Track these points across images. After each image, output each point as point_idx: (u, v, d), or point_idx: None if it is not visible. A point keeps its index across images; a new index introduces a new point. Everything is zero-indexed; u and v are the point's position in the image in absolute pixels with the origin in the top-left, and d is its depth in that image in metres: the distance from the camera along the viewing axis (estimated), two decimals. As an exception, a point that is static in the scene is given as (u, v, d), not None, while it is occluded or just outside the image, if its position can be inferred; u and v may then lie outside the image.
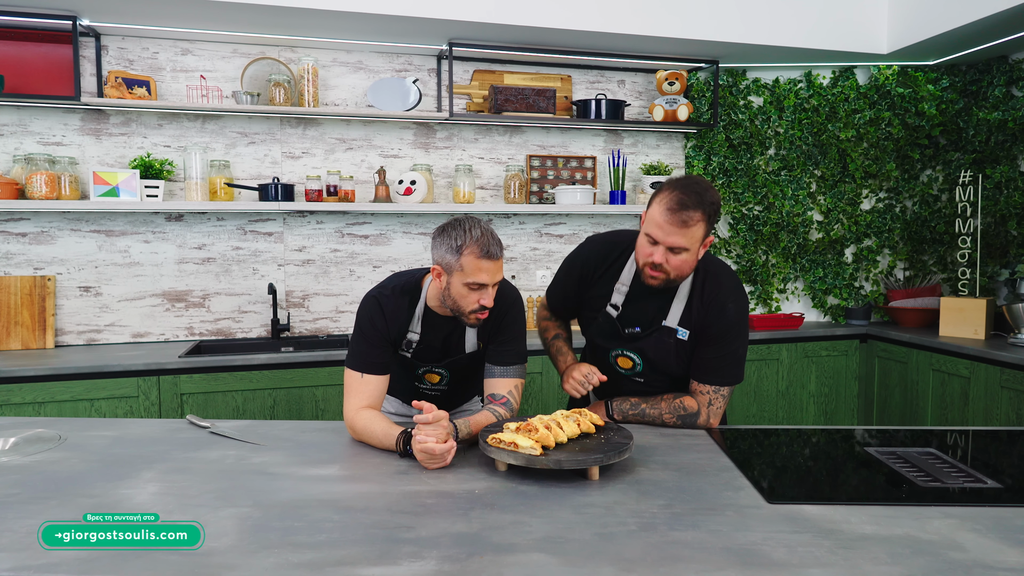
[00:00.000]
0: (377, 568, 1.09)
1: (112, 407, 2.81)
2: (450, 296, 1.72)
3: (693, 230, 1.66)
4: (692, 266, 1.75)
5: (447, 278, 1.71)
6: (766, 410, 3.70)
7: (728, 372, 1.82)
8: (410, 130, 3.62)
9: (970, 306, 3.44)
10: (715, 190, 1.72)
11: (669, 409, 1.85)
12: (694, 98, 3.88)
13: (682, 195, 1.65)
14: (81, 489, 1.40)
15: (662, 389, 1.91)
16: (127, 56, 3.25)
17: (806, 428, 1.98)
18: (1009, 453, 1.72)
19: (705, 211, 1.66)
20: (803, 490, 1.46)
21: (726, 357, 1.81)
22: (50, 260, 3.22)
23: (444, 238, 1.71)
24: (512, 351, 1.83)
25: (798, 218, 3.99)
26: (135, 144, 3.28)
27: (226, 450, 1.67)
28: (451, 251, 1.68)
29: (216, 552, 1.13)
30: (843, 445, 1.79)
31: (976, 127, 3.78)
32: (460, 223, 1.71)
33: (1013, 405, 3.01)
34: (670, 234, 1.67)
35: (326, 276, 3.56)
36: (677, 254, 1.69)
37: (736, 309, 1.81)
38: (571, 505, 1.34)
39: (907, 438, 1.81)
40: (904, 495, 1.39)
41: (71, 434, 1.78)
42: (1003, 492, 1.41)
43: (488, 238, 1.68)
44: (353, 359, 1.79)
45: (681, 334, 1.82)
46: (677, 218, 1.65)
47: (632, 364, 1.89)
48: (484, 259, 1.67)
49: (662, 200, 1.68)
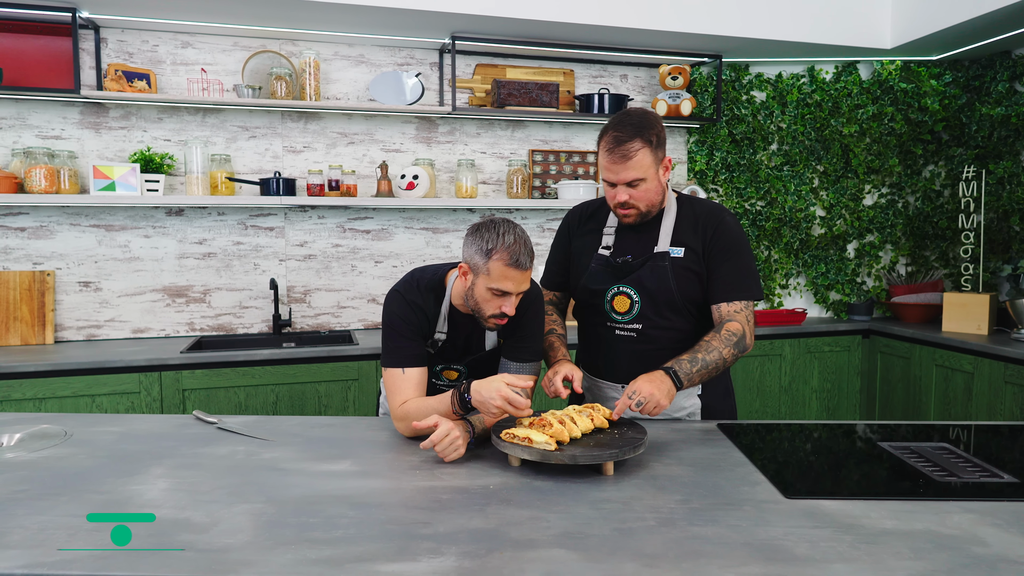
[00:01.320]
0: (397, 564, 1.07)
1: (114, 403, 2.78)
2: (472, 297, 1.69)
3: (637, 159, 1.72)
4: (658, 192, 1.80)
5: (472, 278, 1.68)
6: (769, 406, 3.70)
7: (751, 285, 1.82)
8: (412, 124, 3.60)
9: (973, 301, 3.45)
10: (653, 115, 1.77)
11: (723, 344, 1.74)
12: (697, 93, 3.86)
13: (615, 133, 1.73)
14: (90, 485, 1.38)
15: (659, 343, 1.84)
16: (127, 49, 3.21)
17: (817, 423, 1.97)
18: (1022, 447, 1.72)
19: (643, 137, 1.72)
20: (819, 485, 1.45)
21: (742, 270, 1.81)
22: (49, 255, 3.19)
23: (476, 238, 1.65)
24: (529, 348, 1.81)
25: (800, 213, 3.99)
26: (135, 138, 3.25)
27: (235, 446, 1.65)
28: (480, 253, 1.64)
29: (233, 549, 1.12)
30: (855, 440, 1.78)
31: (979, 122, 3.78)
32: (495, 225, 1.65)
33: (1017, 400, 3.01)
34: (619, 172, 1.74)
35: (328, 271, 3.54)
36: (636, 187, 1.75)
37: (733, 221, 1.85)
38: (588, 500, 1.32)
39: (919, 433, 1.81)
40: (922, 490, 1.38)
41: (76, 430, 1.76)
42: (1021, 486, 1.40)
43: (520, 246, 1.63)
44: (390, 357, 1.73)
45: (675, 252, 1.82)
46: (618, 154, 1.72)
47: (629, 304, 1.84)
48: (512, 268, 1.62)
49: (602, 144, 1.77)
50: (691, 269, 1.81)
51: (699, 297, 1.84)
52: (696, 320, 1.87)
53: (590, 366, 2.00)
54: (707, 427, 1.83)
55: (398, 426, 1.71)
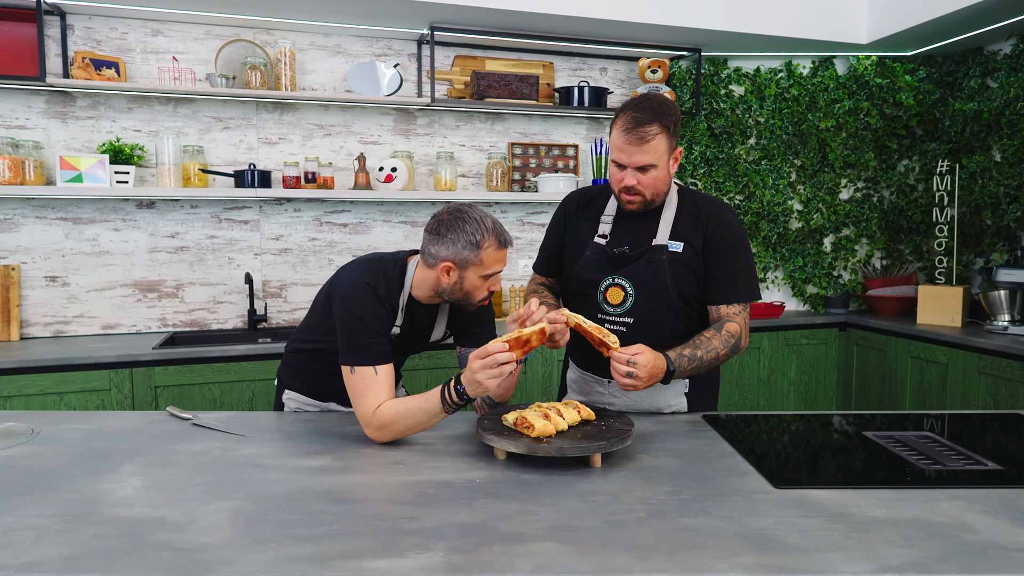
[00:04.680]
0: (383, 561, 1.04)
1: (83, 401, 2.70)
2: (461, 289, 1.67)
3: (653, 144, 1.66)
4: (666, 182, 1.75)
5: (460, 273, 1.65)
6: (748, 398, 3.72)
7: (750, 287, 1.80)
8: (390, 116, 3.54)
9: (947, 294, 3.49)
10: (672, 103, 1.71)
11: (722, 345, 1.72)
12: (676, 87, 3.86)
13: (635, 113, 1.67)
14: (59, 484, 1.33)
15: (648, 339, 1.74)
16: (94, 36, 3.12)
17: (800, 414, 1.97)
18: (1001, 436, 1.73)
19: (662, 122, 1.67)
20: (808, 474, 1.44)
21: (742, 272, 1.78)
22: (14, 248, 3.08)
23: (458, 234, 1.62)
24: (484, 332, 1.87)
25: (778, 207, 4.01)
26: (104, 128, 3.15)
27: (211, 442, 1.60)
28: (469, 247, 1.62)
29: (211, 547, 1.07)
30: (838, 430, 1.79)
31: (952, 118, 3.83)
32: (466, 216, 1.64)
33: (990, 390, 3.06)
34: (632, 154, 1.68)
35: (304, 265, 3.47)
36: (646, 172, 1.70)
37: (734, 219, 1.81)
38: (576, 493, 1.30)
39: (895, 424, 1.81)
40: (909, 478, 1.38)
41: (44, 427, 1.69)
42: (1005, 473, 1.41)
43: (499, 226, 1.67)
44: (360, 355, 1.60)
45: (674, 247, 1.78)
46: (635, 135, 1.66)
47: (623, 296, 1.79)
48: (502, 248, 1.67)
49: (618, 123, 1.70)
50: (688, 265, 1.77)
51: (694, 294, 1.79)
52: (689, 316, 1.82)
53: (578, 358, 1.96)
54: (693, 419, 1.81)
55: (373, 434, 1.57)
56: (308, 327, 1.92)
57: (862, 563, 1.04)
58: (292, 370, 1.99)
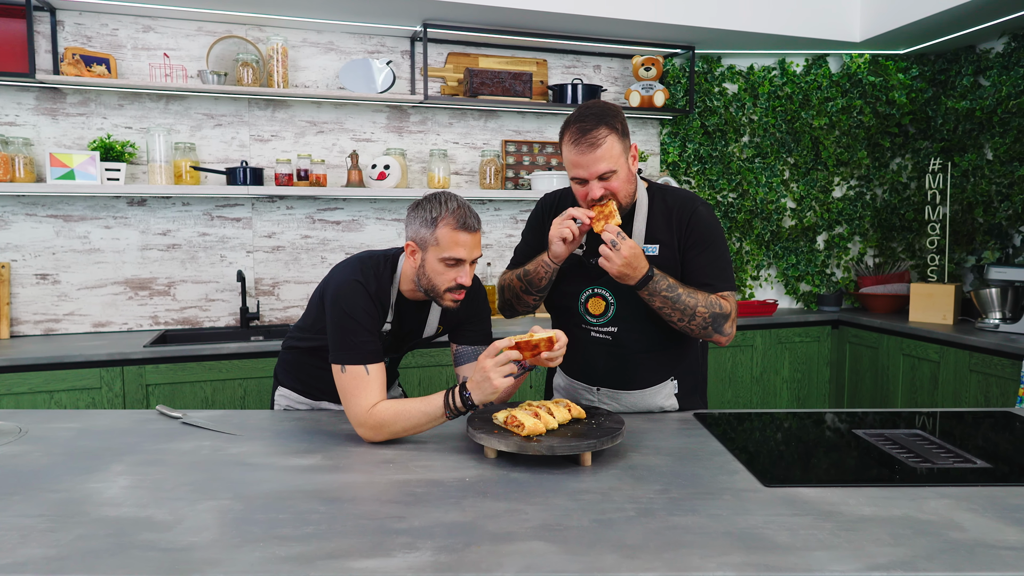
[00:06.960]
0: (370, 560, 1.03)
1: (73, 399, 2.69)
2: (425, 275, 1.64)
3: (606, 147, 1.63)
4: (631, 182, 1.73)
5: (421, 255, 1.63)
6: (740, 396, 3.73)
7: (729, 276, 1.77)
8: (383, 114, 3.53)
9: (939, 292, 3.50)
10: (614, 105, 1.70)
11: (706, 303, 1.69)
12: (670, 84, 3.86)
13: (580, 123, 1.64)
14: (46, 484, 1.32)
15: (635, 347, 1.79)
16: (84, 32, 3.10)
17: (791, 412, 1.97)
18: (992, 433, 1.74)
19: (609, 124, 1.64)
20: (797, 473, 1.45)
21: (719, 260, 1.76)
22: (4, 246, 3.07)
23: (419, 211, 1.63)
24: (480, 330, 1.85)
25: (771, 205, 4.01)
26: (94, 125, 3.14)
27: (200, 441, 1.60)
28: (425, 224, 1.61)
29: (197, 547, 1.07)
30: (829, 428, 1.79)
31: (944, 116, 3.84)
32: (436, 196, 1.64)
33: (982, 388, 3.07)
34: (589, 164, 1.64)
35: (297, 263, 3.46)
36: (608, 179, 1.67)
37: (706, 210, 1.79)
38: (566, 492, 1.30)
39: (887, 421, 1.82)
40: (897, 476, 1.38)
41: (32, 426, 1.68)
42: (993, 471, 1.41)
43: (465, 210, 1.62)
44: (352, 353, 1.58)
45: (650, 251, 1.76)
46: (585, 144, 1.63)
47: (604, 306, 1.77)
48: (461, 231, 1.60)
49: (567, 139, 1.67)
50: (666, 267, 1.74)
51: None
52: None
53: (566, 366, 1.92)
54: (684, 416, 1.81)
55: (366, 433, 1.56)
56: (304, 325, 1.92)
57: (850, 561, 1.04)
58: (287, 367, 1.99)
